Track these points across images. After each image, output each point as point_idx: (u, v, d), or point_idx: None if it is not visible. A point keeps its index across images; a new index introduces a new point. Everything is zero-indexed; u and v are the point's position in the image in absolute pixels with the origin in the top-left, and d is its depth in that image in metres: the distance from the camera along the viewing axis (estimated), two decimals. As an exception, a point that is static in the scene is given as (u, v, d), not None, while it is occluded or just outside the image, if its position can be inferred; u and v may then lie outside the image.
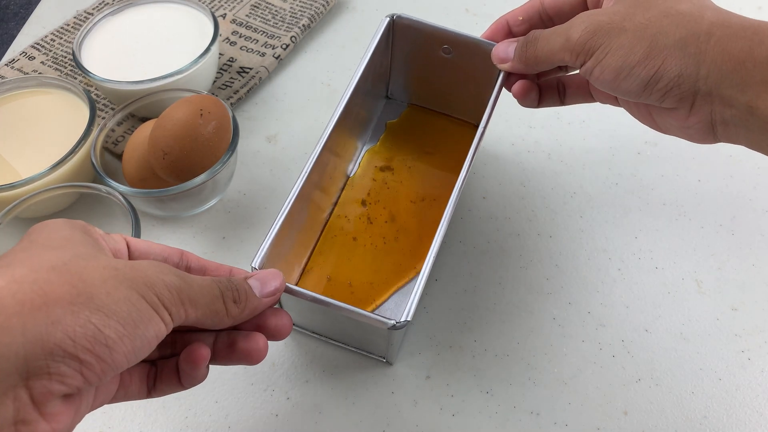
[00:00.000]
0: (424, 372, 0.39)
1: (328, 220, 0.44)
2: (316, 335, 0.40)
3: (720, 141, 0.32)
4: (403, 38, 0.44)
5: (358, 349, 0.39)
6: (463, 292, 0.42)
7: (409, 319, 0.32)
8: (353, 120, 0.44)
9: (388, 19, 0.43)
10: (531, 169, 0.49)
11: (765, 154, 0.30)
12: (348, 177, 0.46)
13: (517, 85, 0.38)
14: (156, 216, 0.46)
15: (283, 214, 0.35)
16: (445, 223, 0.35)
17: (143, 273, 0.25)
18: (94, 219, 0.45)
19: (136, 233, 0.39)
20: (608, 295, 0.42)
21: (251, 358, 0.29)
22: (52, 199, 0.42)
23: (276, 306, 0.32)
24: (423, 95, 0.49)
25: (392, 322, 0.32)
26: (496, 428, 0.37)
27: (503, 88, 0.40)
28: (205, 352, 0.28)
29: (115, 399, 0.28)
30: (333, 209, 0.44)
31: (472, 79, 0.43)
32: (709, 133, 0.31)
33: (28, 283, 0.22)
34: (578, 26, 0.33)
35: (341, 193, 0.45)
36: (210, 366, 0.30)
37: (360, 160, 0.47)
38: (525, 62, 0.37)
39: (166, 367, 0.29)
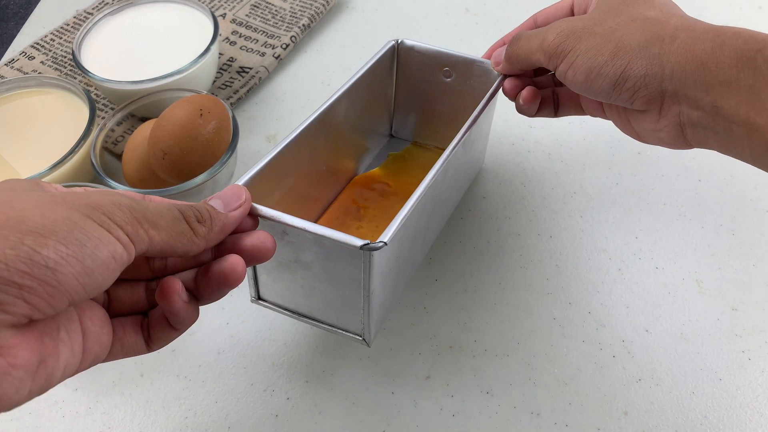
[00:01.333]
0: (424, 372, 0.39)
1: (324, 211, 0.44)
2: (290, 313, 0.37)
3: (692, 146, 0.32)
4: (406, 65, 0.46)
5: (334, 327, 0.37)
6: (463, 292, 0.42)
7: (386, 241, 0.30)
8: (355, 146, 0.46)
9: (393, 42, 0.44)
10: (531, 169, 0.49)
11: (734, 157, 0.30)
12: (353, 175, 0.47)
13: (526, 91, 0.39)
14: (156, 216, 0.46)
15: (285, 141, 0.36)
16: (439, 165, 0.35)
17: (86, 197, 0.23)
18: (94, 219, 0.45)
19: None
20: (608, 295, 0.42)
21: (228, 278, 0.28)
22: (52, 199, 0.42)
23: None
24: (426, 133, 0.50)
25: (365, 241, 0.30)
26: (496, 428, 0.37)
27: (498, 92, 0.41)
28: (176, 283, 0.27)
29: (112, 354, 0.27)
30: (329, 206, 0.45)
31: (472, 105, 0.44)
32: (680, 136, 0.32)
33: None
34: (554, 30, 0.34)
35: (339, 193, 0.46)
36: (201, 319, 0.29)
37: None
38: (509, 59, 0.39)
39: (156, 313, 0.29)
